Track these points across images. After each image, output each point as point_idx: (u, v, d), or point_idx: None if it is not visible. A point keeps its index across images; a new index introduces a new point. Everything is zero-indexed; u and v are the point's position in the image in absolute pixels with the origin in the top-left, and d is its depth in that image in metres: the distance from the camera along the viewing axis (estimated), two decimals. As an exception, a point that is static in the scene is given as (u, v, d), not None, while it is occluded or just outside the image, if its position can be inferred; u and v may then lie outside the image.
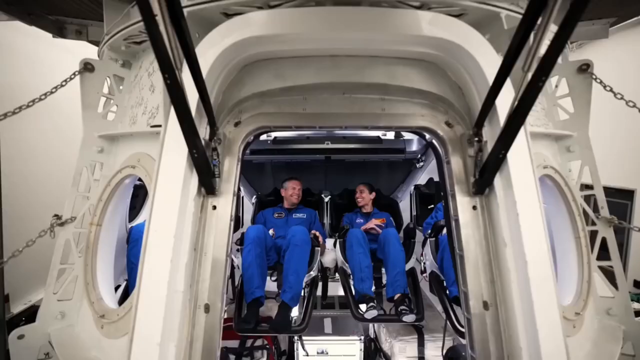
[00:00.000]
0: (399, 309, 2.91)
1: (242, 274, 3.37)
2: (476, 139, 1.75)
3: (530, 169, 1.65)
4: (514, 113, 1.41)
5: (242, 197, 4.09)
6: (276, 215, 4.00)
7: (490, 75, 1.65)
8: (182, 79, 1.31)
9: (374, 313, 2.93)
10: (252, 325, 2.95)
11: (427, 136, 2.24)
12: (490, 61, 1.68)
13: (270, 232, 3.70)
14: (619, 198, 5.63)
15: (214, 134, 1.74)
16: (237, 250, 3.51)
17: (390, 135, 4.14)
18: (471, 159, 1.83)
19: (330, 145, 3.97)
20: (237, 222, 3.93)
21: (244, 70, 1.89)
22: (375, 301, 3.07)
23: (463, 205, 1.85)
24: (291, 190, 3.94)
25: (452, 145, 1.91)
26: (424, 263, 3.54)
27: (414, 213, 3.98)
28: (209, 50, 1.68)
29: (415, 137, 4.18)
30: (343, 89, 1.90)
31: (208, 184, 1.75)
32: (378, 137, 4.08)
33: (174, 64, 1.23)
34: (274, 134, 4.12)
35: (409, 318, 2.87)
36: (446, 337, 3.32)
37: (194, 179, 1.70)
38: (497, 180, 1.71)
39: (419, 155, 4.26)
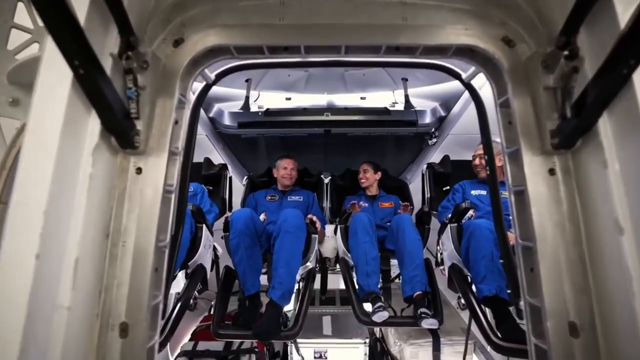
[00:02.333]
0: (418, 312, 2.18)
1: (226, 267, 2.69)
2: (565, 53, 0.97)
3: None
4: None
5: (231, 178, 3.35)
6: (269, 197, 3.28)
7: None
8: None
9: (383, 315, 2.20)
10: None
11: (465, 75, 1.47)
12: None
13: (262, 217, 2.98)
14: None
15: (128, 46, 0.99)
16: (222, 237, 2.81)
17: (400, 106, 3.36)
18: (549, 92, 1.06)
19: (330, 117, 3.20)
20: (224, 205, 3.20)
21: (187, -42, 1.14)
22: (382, 299, 2.35)
23: (533, 167, 1.09)
24: (283, 171, 3.20)
25: (512, 76, 1.14)
26: (441, 253, 2.79)
27: (428, 195, 3.21)
28: None
29: (428, 108, 3.40)
30: (342, -14, 1.14)
31: (119, 131, 1.00)
32: (385, 108, 3.30)
33: None
34: (265, 104, 3.37)
35: (430, 324, 2.14)
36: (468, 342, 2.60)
37: (93, 121, 0.96)
38: (604, 122, 0.94)
39: (433, 129, 3.47)
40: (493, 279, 2.16)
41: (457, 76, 1.45)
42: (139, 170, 1.09)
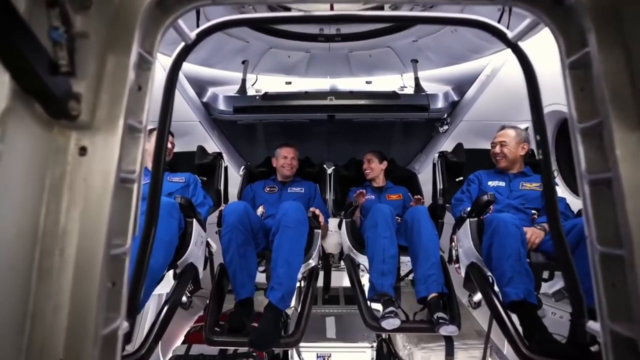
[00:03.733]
0: (435, 316, 1.90)
1: (221, 264, 2.39)
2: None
3: None
4: None
5: (226, 168, 3.04)
6: (268, 189, 2.97)
7: None
8: None
9: (394, 323, 1.91)
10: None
11: (512, 34, 1.14)
12: None
13: (260, 210, 2.68)
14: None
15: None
16: (216, 232, 2.52)
17: (409, 90, 3.04)
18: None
19: (334, 102, 2.87)
20: (219, 197, 2.89)
21: None
22: (394, 303, 2.06)
23: (626, 147, 0.77)
24: (282, 160, 2.88)
25: (596, 22, 0.82)
26: (456, 250, 2.49)
27: (440, 187, 2.90)
28: None
29: (440, 92, 3.07)
30: None
31: (43, 92, 0.68)
32: (394, 91, 2.97)
33: None
34: (263, 89, 3.04)
35: (449, 331, 1.87)
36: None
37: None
38: None
39: (445, 115, 3.14)
40: (521, 281, 1.87)
41: (501, 35, 1.12)
42: (82, 151, 0.77)
